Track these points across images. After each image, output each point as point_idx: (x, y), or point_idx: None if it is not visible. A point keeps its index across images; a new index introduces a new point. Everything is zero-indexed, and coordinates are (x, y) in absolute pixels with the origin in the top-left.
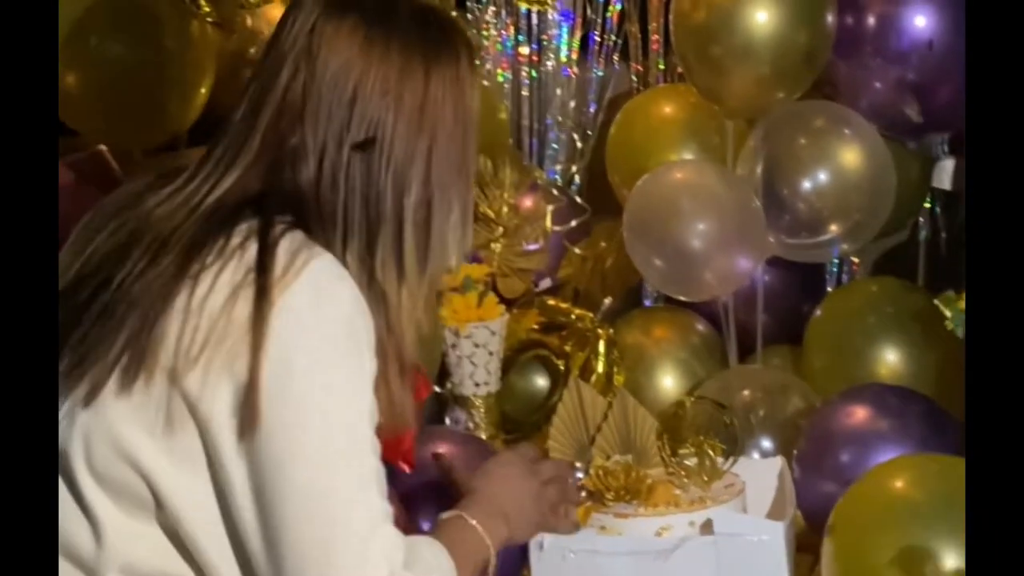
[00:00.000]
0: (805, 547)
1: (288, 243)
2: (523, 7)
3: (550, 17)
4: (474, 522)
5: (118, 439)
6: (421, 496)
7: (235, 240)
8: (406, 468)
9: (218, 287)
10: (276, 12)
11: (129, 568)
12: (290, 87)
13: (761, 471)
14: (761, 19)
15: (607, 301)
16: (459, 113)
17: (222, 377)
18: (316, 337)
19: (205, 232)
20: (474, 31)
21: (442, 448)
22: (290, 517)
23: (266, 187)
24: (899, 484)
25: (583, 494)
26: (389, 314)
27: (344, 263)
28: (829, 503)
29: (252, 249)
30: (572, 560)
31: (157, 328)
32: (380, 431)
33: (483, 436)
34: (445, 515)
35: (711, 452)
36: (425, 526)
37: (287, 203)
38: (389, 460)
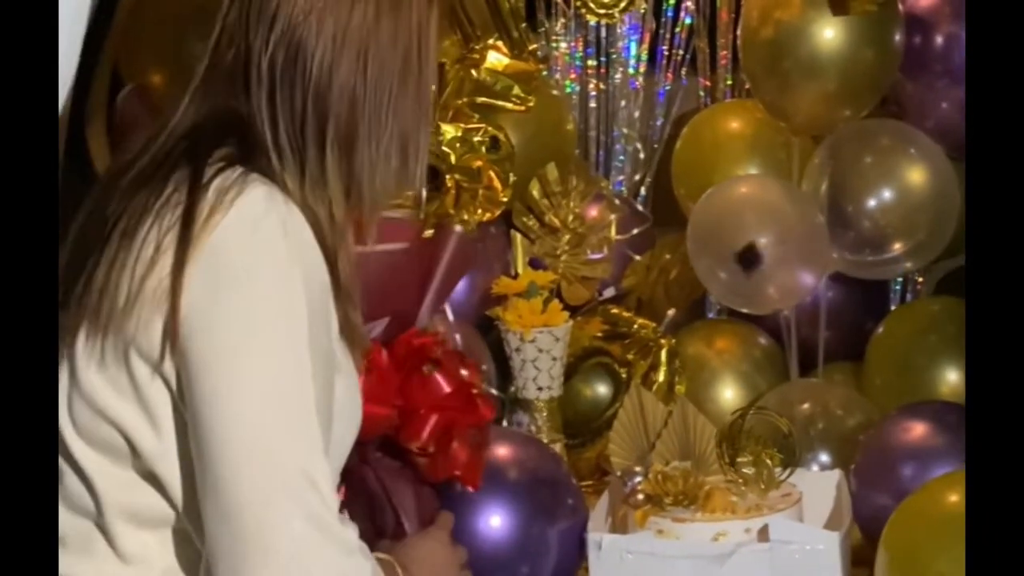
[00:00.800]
0: (861, 561)
1: (219, 182)
2: (592, 20)
3: (618, 30)
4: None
5: (92, 398)
6: None
7: (168, 190)
8: (469, 488)
9: (148, 241)
10: None
11: (134, 516)
12: (230, 7)
13: (819, 483)
14: (828, 36)
15: (671, 313)
16: (399, 42)
17: (155, 323)
18: (243, 277)
19: (146, 189)
20: (543, 43)
21: (503, 450)
22: (216, 458)
23: (208, 116)
24: (953, 498)
25: (641, 497)
26: (322, 237)
27: (284, 186)
28: (886, 517)
29: (184, 196)
30: (630, 561)
31: (107, 292)
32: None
33: (544, 439)
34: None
35: (769, 462)
36: None
37: (227, 130)
38: (451, 478)
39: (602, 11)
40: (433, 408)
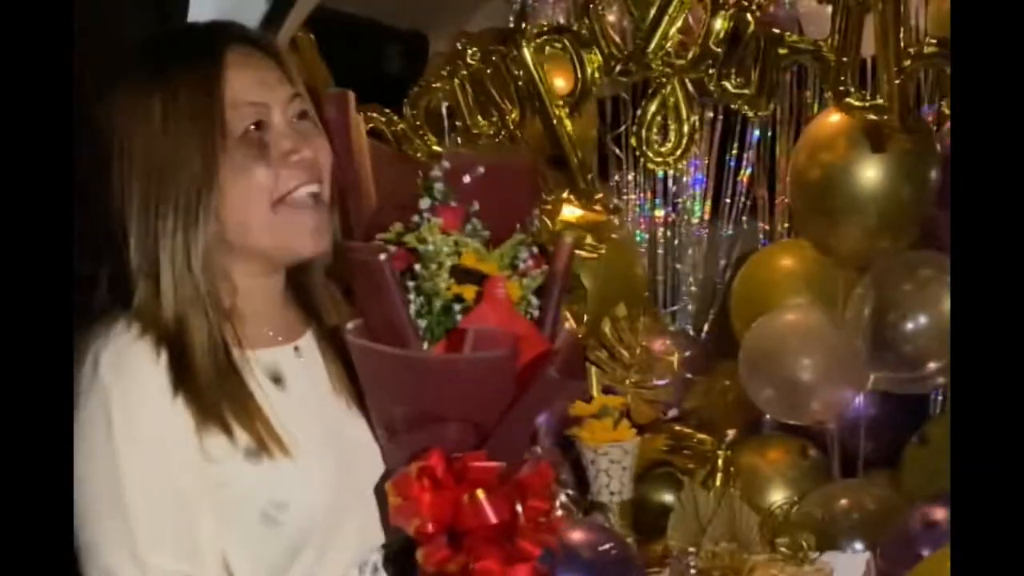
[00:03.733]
0: None
1: None
2: (652, 168)
3: (683, 180)
4: None
5: None
6: None
7: None
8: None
9: None
10: None
11: None
12: None
13: (850, 562)
14: (869, 175)
15: (731, 432)
16: None
17: None
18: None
19: None
20: (614, 195)
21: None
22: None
23: None
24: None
25: (694, 572)
26: None
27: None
28: None
29: None
30: None
31: None
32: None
33: None
34: None
35: (804, 543)
36: None
37: None
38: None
39: (659, 159)
40: (468, 533)
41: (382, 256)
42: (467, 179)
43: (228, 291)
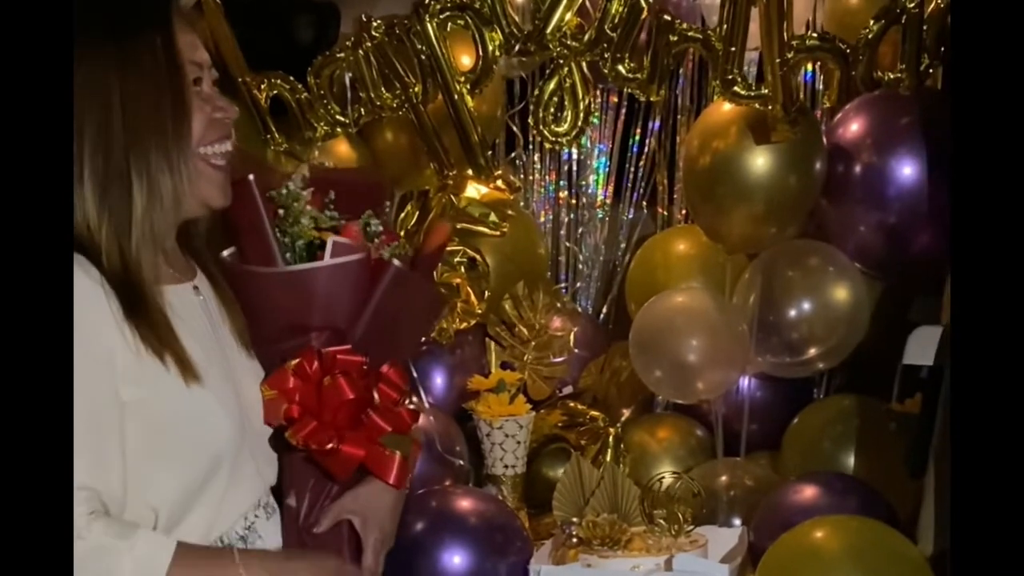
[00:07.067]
0: None
1: None
2: (547, 146)
3: (588, 164)
4: (237, 558)
5: None
6: None
7: None
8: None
9: None
10: (342, 147)
11: None
12: None
13: (725, 536)
14: (758, 164)
15: (626, 412)
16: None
17: None
18: None
19: None
20: (521, 175)
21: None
22: None
23: None
24: (818, 534)
25: (575, 540)
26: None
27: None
28: None
29: None
30: None
31: None
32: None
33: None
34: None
35: (680, 515)
36: None
37: None
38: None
39: (554, 139)
40: (331, 412)
41: (250, 176)
42: (332, 194)
43: None
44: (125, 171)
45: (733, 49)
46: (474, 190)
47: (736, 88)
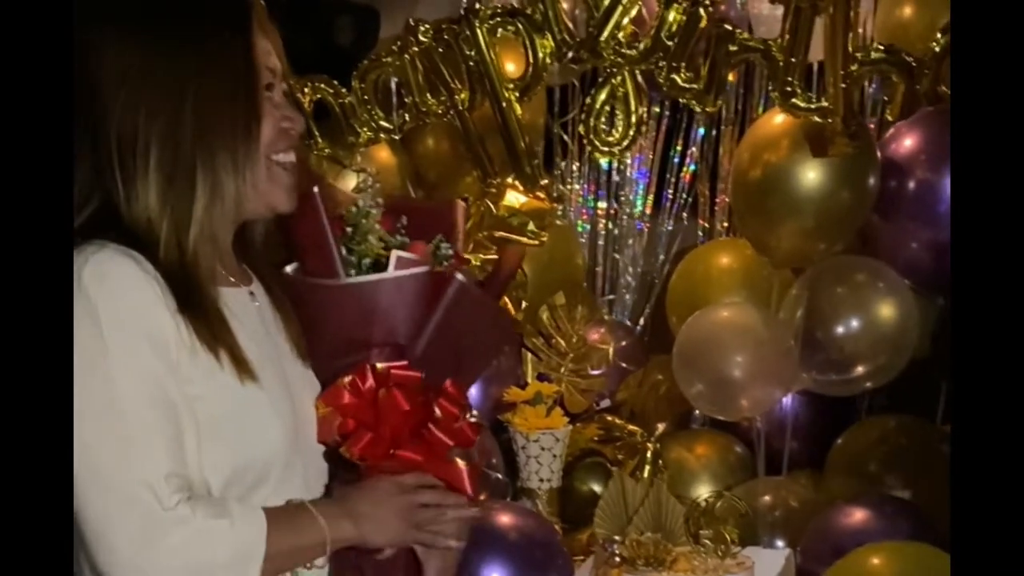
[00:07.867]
0: None
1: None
2: (599, 157)
3: (627, 174)
4: (313, 510)
5: None
6: None
7: None
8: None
9: None
10: (382, 152)
11: None
12: None
13: (772, 558)
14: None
15: (661, 425)
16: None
17: None
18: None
19: None
20: (559, 185)
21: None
22: (77, 476)
23: None
24: (874, 561)
25: (618, 559)
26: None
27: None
28: None
29: None
30: None
31: None
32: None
33: None
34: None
35: (727, 536)
36: None
37: None
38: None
39: (606, 149)
40: (388, 426)
41: (315, 188)
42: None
43: None
44: (191, 167)
45: (794, 60)
46: (513, 198)
47: (796, 100)
